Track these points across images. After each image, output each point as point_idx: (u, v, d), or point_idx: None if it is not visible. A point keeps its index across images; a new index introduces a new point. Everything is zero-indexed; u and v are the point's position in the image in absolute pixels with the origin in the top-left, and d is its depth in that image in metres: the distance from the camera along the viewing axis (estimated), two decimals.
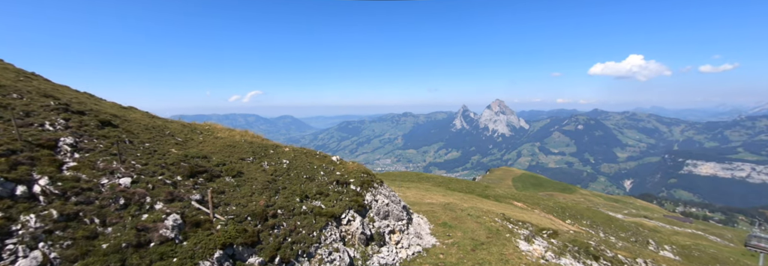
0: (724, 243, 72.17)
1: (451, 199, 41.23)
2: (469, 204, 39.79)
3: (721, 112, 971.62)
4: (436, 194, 45.34)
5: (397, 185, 54.58)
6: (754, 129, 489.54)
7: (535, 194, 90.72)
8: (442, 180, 67.57)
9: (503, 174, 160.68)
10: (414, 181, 64.56)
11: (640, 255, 21.81)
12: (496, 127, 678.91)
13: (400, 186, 53.45)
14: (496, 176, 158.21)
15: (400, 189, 46.29)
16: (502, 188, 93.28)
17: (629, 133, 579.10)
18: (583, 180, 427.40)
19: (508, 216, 18.83)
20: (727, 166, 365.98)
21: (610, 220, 43.73)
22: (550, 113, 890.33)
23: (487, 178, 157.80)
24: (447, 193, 49.74)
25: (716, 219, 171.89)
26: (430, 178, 69.92)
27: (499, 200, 52.40)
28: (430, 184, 61.27)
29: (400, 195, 38.22)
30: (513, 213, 36.47)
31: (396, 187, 47.19)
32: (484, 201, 46.48)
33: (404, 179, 66.88)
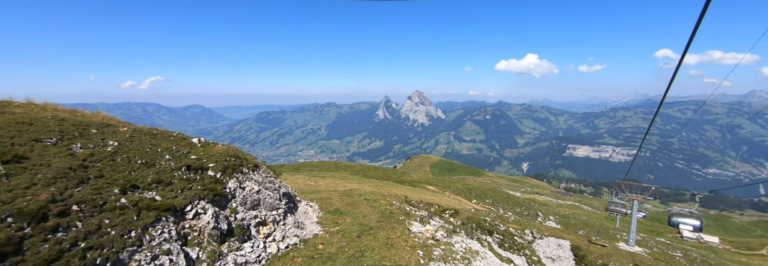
0: (594, 211, 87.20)
1: (366, 186, 40.64)
2: (383, 190, 39.61)
3: (593, 104, 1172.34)
4: (351, 182, 44.33)
5: (313, 175, 52.15)
6: (615, 118, 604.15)
7: (449, 178, 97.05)
8: (360, 168, 66.99)
9: (422, 161, 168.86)
10: (331, 170, 62.81)
11: (528, 226, 23.36)
12: (417, 117, 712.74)
13: (316, 176, 51.18)
14: (415, 164, 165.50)
15: (315, 179, 44.10)
16: (420, 174, 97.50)
17: (526, 122, 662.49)
18: (490, 164, 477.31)
19: (410, 199, 18.37)
20: (596, 149, 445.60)
21: (509, 198, 48.15)
22: (464, 104, 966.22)
23: (407, 165, 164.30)
24: (363, 181, 49.20)
25: (588, 192, 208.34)
26: (348, 167, 68.74)
27: (413, 185, 53.74)
28: (348, 173, 60.23)
29: (311, 184, 36.06)
30: (422, 196, 37.29)
31: (311, 177, 44.80)
32: (399, 187, 47.13)
33: (321, 169, 64.67)
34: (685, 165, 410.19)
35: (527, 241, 21.31)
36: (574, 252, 21.42)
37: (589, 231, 38.59)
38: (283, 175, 50.88)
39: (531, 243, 21.39)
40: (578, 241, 22.87)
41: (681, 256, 34.65)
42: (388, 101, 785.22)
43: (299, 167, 68.42)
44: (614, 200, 32.16)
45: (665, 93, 6.92)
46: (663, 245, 38.53)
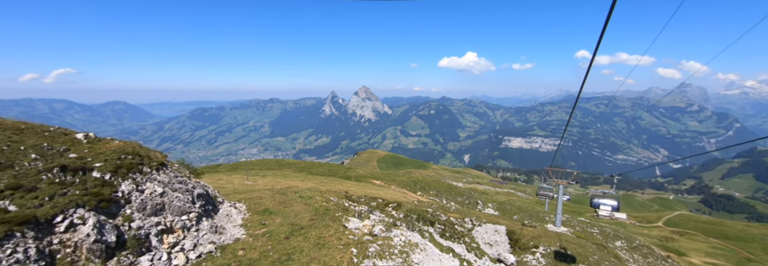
0: (527, 197, 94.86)
1: (310, 183, 39.17)
2: (326, 186, 38.48)
3: (525, 99, 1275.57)
4: (294, 179, 42.44)
5: (253, 174, 49.06)
6: (543, 112, 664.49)
7: (395, 172, 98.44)
8: (304, 165, 64.70)
9: (369, 156, 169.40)
10: (273, 168, 59.79)
11: (468, 215, 23.94)
12: (364, 112, 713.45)
13: (256, 175, 48.25)
14: (362, 159, 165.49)
15: (254, 178, 41.44)
16: (367, 169, 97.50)
17: (467, 116, 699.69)
18: (435, 157, 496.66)
19: (351, 194, 17.68)
20: (528, 140, 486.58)
21: (451, 188, 49.79)
22: (409, 99, 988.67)
23: (355, 161, 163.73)
24: (307, 178, 47.46)
25: (522, 179, 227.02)
26: (292, 164, 65.97)
27: (359, 180, 53.24)
28: (292, 170, 57.79)
29: (248, 184, 33.57)
30: (367, 191, 36.87)
31: (249, 176, 42.01)
32: (345, 182, 46.28)
33: (263, 168, 61.28)
34: (600, 153, 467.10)
35: (467, 229, 21.88)
36: (509, 236, 22.49)
37: (523, 216, 41.43)
38: (218, 175, 47.10)
39: (471, 230, 22.02)
40: (513, 226, 24.07)
41: (597, 232, 38.85)
42: (334, 96, 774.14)
43: (237, 166, 64.08)
44: (543, 185, 34.98)
45: (580, 90, 7.66)
46: (583, 224, 42.86)
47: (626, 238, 38.78)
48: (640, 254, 35.55)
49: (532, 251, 19.72)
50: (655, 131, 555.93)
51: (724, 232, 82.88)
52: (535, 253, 19.46)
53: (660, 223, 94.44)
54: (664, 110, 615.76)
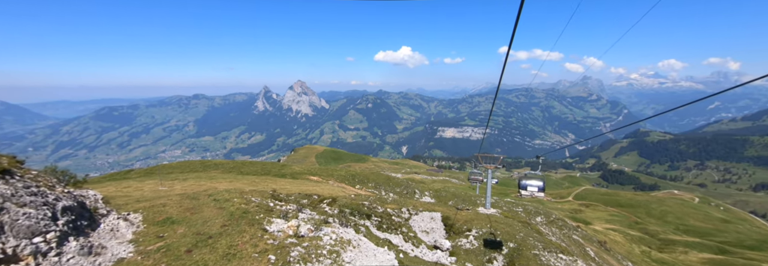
0: (461, 183, 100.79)
1: (238, 184, 36.13)
2: (257, 186, 35.82)
3: (456, 92, 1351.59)
4: (220, 181, 38.76)
5: (172, 178, 43.68)
6: (472, 104, 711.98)
7: (333, 167, 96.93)
8: (234, 165, 59.85)
9: (307, 152, 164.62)
10: (197, 170, 54.18)
11: (404, 205, 23.88)
12: (300, 107, 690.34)
13: (176, 179, 43.04)
14: (300, 155, 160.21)
15: (171, 183, 36.79)
16: (305, 165, 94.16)
17: (404, 109, 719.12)
18: (374, 150, 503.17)
19: (279, 193, 16.27)
20: (460, 130, 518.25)
21: (389, 179, 50.20)
22: (346, 93, 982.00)
23: (292, 158, 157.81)
24: (237, 178, 43.77)
25: (456, 167, 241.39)
26: (219, 165, 60.60)
27: (295, 177, 50.91)
28: (219, 171, 52.95)
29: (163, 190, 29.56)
30: (303, 188, 35.19)
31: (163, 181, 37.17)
32: (279, 180, 43.74)
33: (185, 170, 55.19)
34: (521, 139, 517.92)
35: (404, 219, 21.83)
36: (444, 222, 22.97)
37: (457, 201, 43.46)
38: (127, 182, 41.02)
39: (408, 220, 22.01)
40: (448, 212, 24.67)
41: (521, 211, 42.47)
42: (267, 91, 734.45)
43: (153, 170, 56.82)
44: (473, 171, 37.06)
45: (498, 84, 8.71)
46: (509, 204, 46.54)
47: (544, 214, 43.02)
48: (557, 227, 39.73)
49: (465, 235, 20.36)
50: (565, 118, 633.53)
51: (618, 201, 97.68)
52: (469, 236, 20.11)
53: (570, 198, 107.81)
54: (570, 99, 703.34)
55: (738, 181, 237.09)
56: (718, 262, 43.00)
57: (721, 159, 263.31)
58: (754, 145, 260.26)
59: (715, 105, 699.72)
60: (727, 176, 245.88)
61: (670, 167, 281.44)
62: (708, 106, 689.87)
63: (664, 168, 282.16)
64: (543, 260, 18.26)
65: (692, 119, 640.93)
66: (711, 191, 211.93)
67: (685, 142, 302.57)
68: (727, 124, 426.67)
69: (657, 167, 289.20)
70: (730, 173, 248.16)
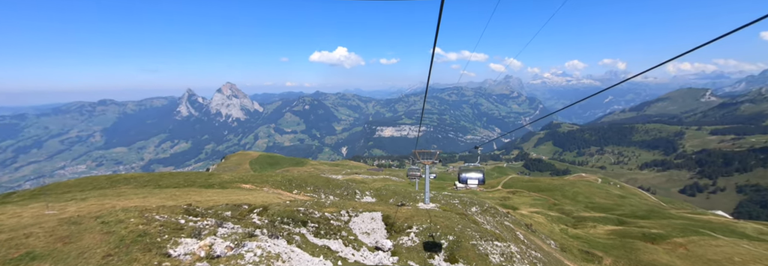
0: (400, 180, 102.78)
1: (154, 199, 31.78)
2: (175, 200, 31.99)
3: (392, 92, 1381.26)
4: (131, 198, 33.67)
5: (68, 198, 36.90)
6: (409, 103, 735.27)
7: (269, 172, 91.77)
8: (150, 178, 52.93)
9: (240, 159, 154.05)
10: (103, 187, 46.65)
11: (344, 207, 22.96)
12: (230, 111, 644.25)
13: (72, 199, 36.48)
14: (232, 163, 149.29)
15: (63, 204, 30.98)
16: (238, 172, 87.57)
17: (342, 110, 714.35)
18: (313, 153, 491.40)
19: (195, 207, 14.28)
20: (398, 128, 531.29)
21: (329, 182, 48.79)
22: (281, 95, 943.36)
23: (223, 166, 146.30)
24: (151, 193, 38.56)
25: (395, 165, 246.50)
26: (131, 179, 53.15)
27: (224, 186, 46.77)
28: (130, 186, 46.27)
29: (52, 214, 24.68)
30: (233, 197, 32.33)
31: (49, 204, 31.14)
32: (205, 191, 39.65)
33: (86, 188, 47.14)
34: (454, 135, 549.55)
35: (344, 222, 20.98)
36: (385, 221, 22.62)
37: (398, 198, 43.79)
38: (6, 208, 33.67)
39: (347, 222, 21.20)
40: (388, 210, 24.37)
41: (458, 203, 44.37)
42: (192, 94, 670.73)
43: (44, 190, 47.68)
44: (412, 167, 37.65)
45: (427, 83, 8.73)
46: (447, 197, 48.36)
47: (479, 203, 45.53)
48: (490, 215, 42.27)
49: (406, 232, 20.19)
50: (491, 114, 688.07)
51: (538, 187, 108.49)
52: (410, 234, 19.97)
53: (499, 187, 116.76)
54: (496, 97, 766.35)
55: (629, 162, 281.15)
56: (619, 232, 49.72)
57: (615, 144, 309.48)
58: (638, 131, 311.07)
59: (609, 99, 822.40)
60: (621, 159, 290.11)
61: (578, 154, 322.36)
62: (604, 100, 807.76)
63: (574, 155, 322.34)
64: (481, 249, 18.85)
65: (593, 112, 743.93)
66: (609, 172, 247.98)
67: (588, 131, 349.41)
68: (619, 115, 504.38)
69: (568, 154, 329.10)
70: (622, 156, 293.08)
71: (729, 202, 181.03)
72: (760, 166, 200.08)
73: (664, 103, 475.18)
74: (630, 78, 6.70)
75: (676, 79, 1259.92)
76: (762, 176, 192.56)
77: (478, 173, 23.79)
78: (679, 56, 4.24)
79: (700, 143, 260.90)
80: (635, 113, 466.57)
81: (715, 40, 3.75)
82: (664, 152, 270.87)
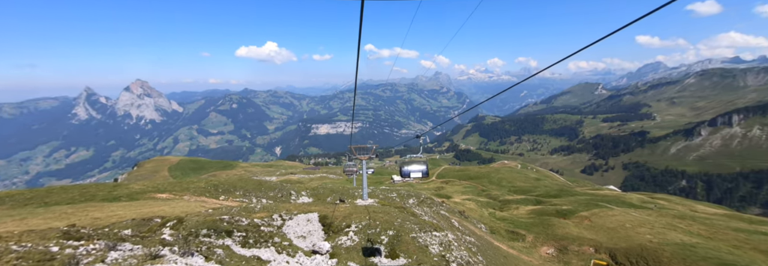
0: (338, 178, 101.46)
1: (33, 221, 26.45)
2: (67, 219, 27.20)
3: (327, 88, 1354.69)
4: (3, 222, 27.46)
5: None
6: (344, 99, 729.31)
7: (192, 179, 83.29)
8: (33, 195, 44.09)
9: (157, 166, 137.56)
10: None
11: (276, 210, 21.38)
12: (142, 112, 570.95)
13: None
14: (147, 170, 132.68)
15: None
16: (154, 181, 77.56)
17: (274, 108, 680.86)
18: (243, 154, 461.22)
19: (80, 227, 11.75)
20: (333, 125, 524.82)
21: (261, 184, 45.80)
22: (205, 93, 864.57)
23: (135, 174, 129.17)
24: (34, 213, 31.96)
25: (332, 162, 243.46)
26: (7, 197, 43.93)
27: (134, 198, 40.97)
28: (6, 206, 37.92)
29: None
30: (143, 210, 28.41)
31: None
32: (107, 206, 34.10)
33: None
34: (390, 130, 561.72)
35: (276, 227, 19.47)
36: (322, 222, 21.65)
37: (335, 196, 42.81)
38: None
39: (281, 227, 19.73)
40: (325, 210, 23.34)
41: (396, 196, 45.01)
42: (92, 94, 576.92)
43: None
44: (348, 163, 37.04)
45: (355, 80, 8.46)
46: (384, 191, 48.76)
47: (415, 195, 46.76)
48: (427, 205, 43.65)
49: (345, 232, 19.47)
50: (424, 108, 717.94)
51: (468, 175, 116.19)
52: (349, 233, 19.28)
53: (433, 178, 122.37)
54: (427, 92, 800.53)
55: (541, 148, 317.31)
56: (537, 211, 55.37)
57: (530, 133, 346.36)
58: (548, 121, 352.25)
59: (524, 93, 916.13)
60: (535, 146, 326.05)
61: (500, 143, 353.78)
62: (520, 94, 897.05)
63: (497, 144, 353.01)
64: (421, 241, 18.98)
65: (511, 105, 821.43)
66: (527, 158, 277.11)
67: (508, 122, 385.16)
68: (532, 107, 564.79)
69: (492, 143, 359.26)
70: (536, 143, 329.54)
71: (618, 178, 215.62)
72: (639, 146, 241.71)
73: (567, 96, 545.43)
74: (536, 74, 7.75)
75: (576, 75, 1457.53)
76: (640, 155, 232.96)
77: (421, 166, 22.15)
78: (572, 55, 5.28)
79: (595, 129, 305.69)
80: (545, 105, 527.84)
81: (596, 42, 4.66)
82: (568, 138, 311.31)
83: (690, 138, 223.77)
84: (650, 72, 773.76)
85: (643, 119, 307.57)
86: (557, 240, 38.10)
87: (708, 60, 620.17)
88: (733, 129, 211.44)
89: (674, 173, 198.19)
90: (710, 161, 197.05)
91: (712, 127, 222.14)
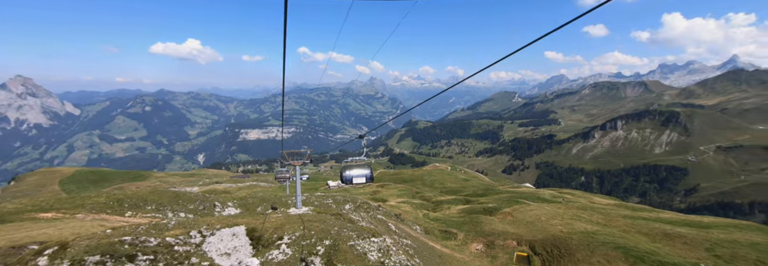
0: (270, 186, 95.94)
1: None
2: None
3: (258, 91, 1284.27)
4: None
5: None
6: (276, 103, 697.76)
7: (89, 193, 71.18)
8: None
9: (43, 179, 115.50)
10: None
11: (195, 226, 19.02)
12: (24, 115, 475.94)
13: None
14: (30, 185, 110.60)
15: None
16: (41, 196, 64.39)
17: (196, 111, 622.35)
18: (159, 163, 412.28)
19: None
20: (265, 130, 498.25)
21: (178, 196, 40.78)
22: (111, 94, 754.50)
23: (13, 190, 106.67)
24: None
25: (264, 169, 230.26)
26: None
27: (6, 220, 33.36)
28: None
29: None
30: (16, 235, 23.26)
31: None
32: None
33: None
34: (325, 135, 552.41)
35: (194, 245, 17.25)
36: (251, 236, 19.84)
37: (267, 205, 40.15)
38: None
39: (200, 245, 17.53)
40: (254, 222, 21.50)
41: (331, 202, 43.83)
42: None
43: None
44: (280, 169, 34.93)
45: (283, 83, 8.65)
46: (320, 198, 47.20)
47: (352, 200, 46.09)
48: (364, 210, 43.26)
49: (276, 245, 18.04)
50: (359, 113, 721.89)
51: (403, 178, 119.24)
52: (280, 246, 17.91)
53: None
54: (362, 97, 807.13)
55: (468, 151, 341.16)
56: (466, 210, 58.77)
57: (459, 137, 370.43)
58: (474, 126, 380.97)
59: (453, 100, 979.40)
60: (463, 149, 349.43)
61: (432, 147, 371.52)
62: (449, 100, 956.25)
63: (429, 148, 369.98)
64: (359, 249, 18.42)
65: (442, 110, 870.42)
66: (456, 160, 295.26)
67: (439, 127, 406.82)
68: (460, 112, 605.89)
69: (424, 147, 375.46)
70: (464, 146, 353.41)
71: (532, 176, 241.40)
72: (548, 148, 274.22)
73: (489, 103, 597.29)
74: (461, 81, 8.39)
75: (496, 84, 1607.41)
76: (549, 155, 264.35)
77: (364, 170, 20.05)
78: (491, 65, 5.93)
79: (513, 133, 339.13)
80: (471, 111, 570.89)
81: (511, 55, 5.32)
82: (491, 142, 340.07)
83: (587, 140, 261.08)
84: (556, 83, 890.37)
85: (551, 124, 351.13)
86: (485, 236, 40.63)
87: (598, 74, 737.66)
88: (618, 132, 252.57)
89: (575, 170, 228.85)
90: (602, 160, 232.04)
91: (603, 130, 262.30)
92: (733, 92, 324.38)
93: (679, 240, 32.17)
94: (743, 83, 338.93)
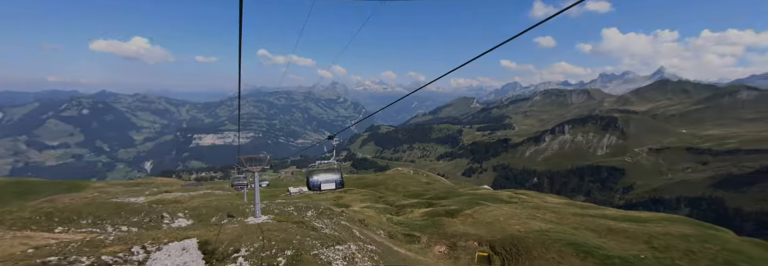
0: (226, 193, 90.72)
1: None
2: None
3: (214, 94, 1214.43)
4: None
5: None
6: (233, 107, 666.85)
7: (11, 207, 62.73)
8: None
9: None
10: None
11: (138, 241, 17.32)
12: None
13: None
14: None
15: None
16: None
17: (143, 115, 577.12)
18: (99, 172, 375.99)
19: None
20: (220, 135, 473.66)
21: (120, 208, 36.97)
22: (41, 94, 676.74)
23: None
24: None
25: (219, 177, 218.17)
26: None
27: None
28: None
29: None
30: None
31: None
32: None
33: None
34: (285, 140, 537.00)
35: (137, 263, 15.66)
36: (203, 250, 18.40)
37: (222, 215, 37.76)
38: None
39: (143, 262, 15.95)
40: (207, 234, 19.98)
41: (293, 209, 42.25)
42: None
43: None
44: (237, 176, 33.07)
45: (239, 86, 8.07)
46: (281, 205, 45.32)
47: (314, 207, 44.77)
48: (327, 217, 42.15)
49: (232, 258, 16.87)
50: (321, 118, 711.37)
51: (365, 183, 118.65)
52: (237, 259, 16.77)
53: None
54: (324, 101, 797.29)
55: (430, 155, 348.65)
56: (429, 213, 59.56)
57: (420, 142, 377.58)
58: (435, 130, 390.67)
59: (415, 104, 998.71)
60: (425, 153, 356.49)
61: (394, 151, 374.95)
62: (411, 105, 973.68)
63: (391, 152, 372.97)
64: (323, 258, 17.75)
65: (404, 115, 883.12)
66: (418, 164, 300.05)
67: (401, 132, 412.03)
68: (422, 117, 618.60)
69: (387, 152, 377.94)
70: (426, 150, 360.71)
71: (490, 178, 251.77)
72: (504, 151, 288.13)
73: (449, 108, 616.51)
74: (422, 87, 8.44)
75: (456, 90, 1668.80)
76: (505, 158, 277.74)
77: (334, 174, 18.46)
78: (451, 71, 6.13)
79: (472, 137, 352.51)
80: (432, 116, 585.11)
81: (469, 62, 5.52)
82: (451, 146, 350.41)
83: (538, 143, 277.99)
84: (510, 90, 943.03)
85: (506, 128, 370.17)
86: (448, 238, 41.25)
87: (548, 82, 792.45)
88: (566, 136, 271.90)
89: (529, 172, 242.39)
90: (552, 161, 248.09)
91: (552, 134, 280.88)
92: (661, 100, 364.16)
93: (622, 234, 34.86)
94: (669, 92, 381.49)
